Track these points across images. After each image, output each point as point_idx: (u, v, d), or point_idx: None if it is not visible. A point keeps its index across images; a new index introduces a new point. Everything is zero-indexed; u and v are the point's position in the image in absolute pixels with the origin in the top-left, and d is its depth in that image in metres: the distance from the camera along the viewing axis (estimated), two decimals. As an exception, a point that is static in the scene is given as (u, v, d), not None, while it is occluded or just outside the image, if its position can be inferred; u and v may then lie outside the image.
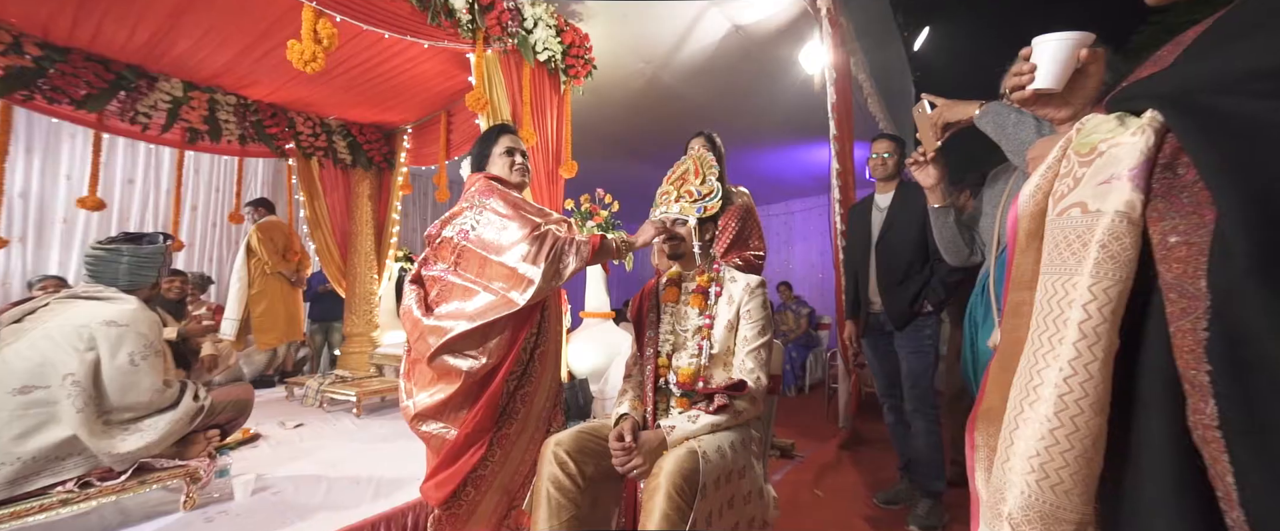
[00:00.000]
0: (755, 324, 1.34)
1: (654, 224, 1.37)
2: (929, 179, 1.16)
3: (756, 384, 1.28)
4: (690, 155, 1.49)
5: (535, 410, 1.29)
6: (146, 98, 2.98)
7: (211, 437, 1.59)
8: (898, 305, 1.92)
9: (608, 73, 3.38)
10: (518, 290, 1.18)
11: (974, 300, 1.14)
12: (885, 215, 1.99)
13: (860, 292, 2.12)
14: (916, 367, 1.90)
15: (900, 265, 1.92)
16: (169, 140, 3.33)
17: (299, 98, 3.58)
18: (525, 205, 1.30)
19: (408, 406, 1.17)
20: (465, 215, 1.27)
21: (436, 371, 1.15)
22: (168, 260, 1.49)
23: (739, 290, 1.37)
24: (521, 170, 1.44)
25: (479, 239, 1.22)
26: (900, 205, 1.95)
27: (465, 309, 1.19)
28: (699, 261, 1.41)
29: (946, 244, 1.23)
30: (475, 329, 1.14)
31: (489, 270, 1.21)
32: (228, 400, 1.70)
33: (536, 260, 1.18)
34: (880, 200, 2.05)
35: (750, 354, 1.32)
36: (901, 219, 1.93)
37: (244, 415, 1.79)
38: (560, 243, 1.21)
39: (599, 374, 2.81)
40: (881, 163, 2.00)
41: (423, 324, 1.17)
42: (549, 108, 2.82)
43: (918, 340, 1.90)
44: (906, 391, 1.93)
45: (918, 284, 1.89)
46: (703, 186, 1.43)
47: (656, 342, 1.41)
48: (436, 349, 1.13)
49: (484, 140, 1.45)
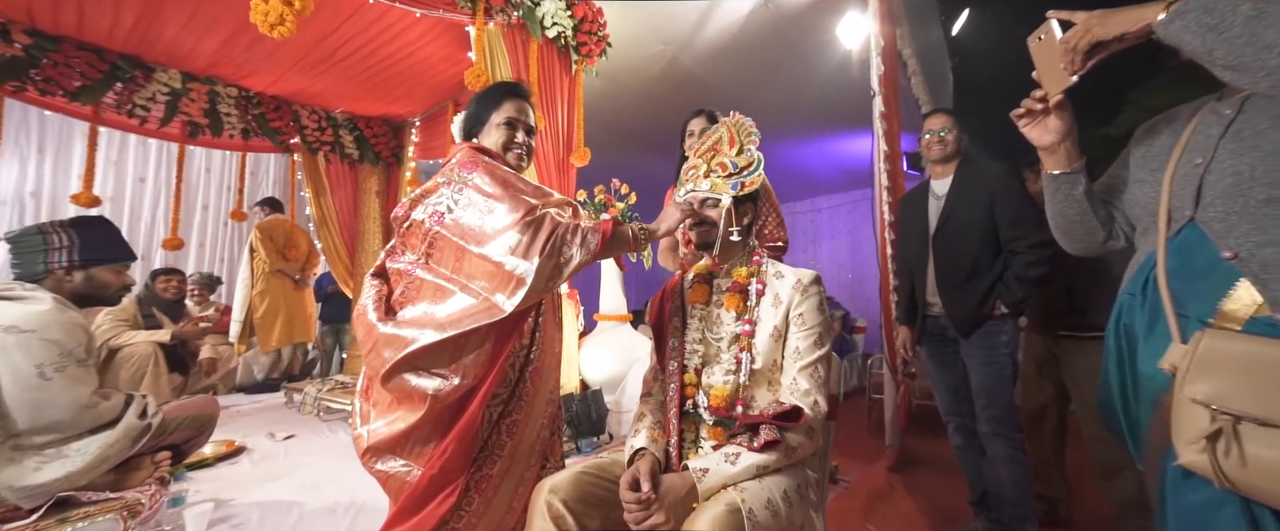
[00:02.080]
0: (810, 331, 1.04)
1: (679, 206, 1.08)
2: (1049, 135, 0.83)
3: (814, 410, 0.98)
4: (723, 122, 1.20)
5: (525, 443, 1.01)
6: (144, 89, 2.85)
7: (161, 461, 1.37)
8: (962, 307, 1.59)
9: (623, 55, 3.11)
10: (504, 292, 0.90)
11: (1127, 303, 0.81)
12: (943, 203, 1.67)
13: (917, 294, 1.80)
14: (989, 381, 1.56)
15: (964, 260, 1.59)
16: (169, 134, 3.21)
17: (302, 89, 3.43)
18: (519, 183, 1.02)
19: (360, 435, 0.91)
20: (441, 193, 0.99)
21: (395, 393, 0.89)
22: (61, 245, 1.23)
23: (788, 288, 1.07)
24: (523, 149, 1.16)
25: (456, 224, 0.96)
26: (961, 190, 1.63)
27: (435, 314, 0.92)
28: (736, 252, 1.12)
29: (1069, 224, 0.89)
30: (446, 340, 0.87)
31: (468, 265, 0.94)
32: (184, 416, 1.47)
33: (530, 253, 0.90)
34: (937, 186, 1.73)
35: (805, 371, 1.01)
36: (964, 205, 1.61)
37: (205, 433, 1.57)
38: (561, 230, 0.93)
39: (615, 383, 2.54)
40: (938, 141, 1.68)
41: (378, 331, 0.91)
42: (559, 89, 2.56)
43: (989, 348, 1.57)
44: (979, 410, 1.60)
45: (987, 281, 1.56)
46: (740, 157, 1.14)
47: (682, 355, 1.12)
48: (393, 364, 0.86)
49: (481, 100, 1.15)
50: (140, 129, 3.03)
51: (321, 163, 3.88)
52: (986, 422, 1.57)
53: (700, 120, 1.94)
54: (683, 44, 3.34)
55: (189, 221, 4.42)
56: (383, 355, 0.88)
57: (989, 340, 1.56)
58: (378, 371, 0.88)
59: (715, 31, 3.23)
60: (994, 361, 1.56)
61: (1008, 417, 1.54)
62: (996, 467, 1.56)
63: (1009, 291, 1.52)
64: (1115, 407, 0.82)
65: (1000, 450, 1.54)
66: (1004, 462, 1.53)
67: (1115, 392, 0.81)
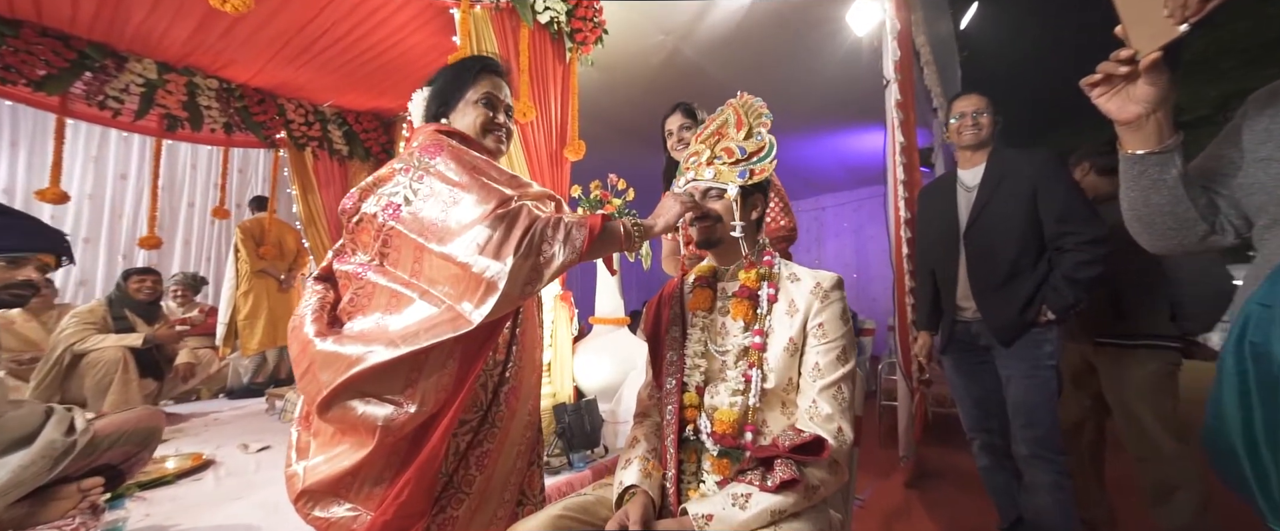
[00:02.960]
0: (832, 345, 0.88)
1: (679, 198, 0.93)
2: (1134, 105, 0.66)
3: (838, 440, 0.82)
4: (730, 102, 1.05)
5: (497, 477, 0.86)
6: (115, 80, 2.70)
7: (91, 488, 1.21)
8: (1002, 313, 1.42)
9: (621, 45, 2.96)
10: (471, 298, 0.75)
11: (1259, 316, 0.63)
12: (975, 195, 1.50)
13: (941, 297, 1.63)
14: (1031, 397, 1.39)
15: (1002, 260, 1.42)
16: (145, 128, 3.06)
17: (286, 81, 3.29)
18: (491, 170, 0.87)
19: (294, 473, 0.75)
20: (397, 181, 0.84)
21: (337, 424, 0.74)
22: None
23: (805, 293, 0.92)
24: (504, 133, 1.01)
25: (415, 217, 0.80)
26: (997, 180, 1.46)
27: (388, 326, 0.77)
28: (744, 251, 0.96)
29: (1156, 216, 0.71)
30: (400, 359, 0.72)
31: (428, 266, 0.79)
32: (121, 431, 1.31)
33: (502, 252, 0.75)
34: (966, 176, 1.56)
35: (826, 392, 0.86)
36: (1000, 197, 1.44)
37: (147, 449, 1.41)
38: (540, 225, 0.79)
39: (611, 392, 2.38)
40: (972, 124, 1.50)
41: (314, 349, 0.74)
42: (552, 79, 2.40)
43: (1033, 359, 1.39)
44: (1017, 430, 1.42)
45: (1030, 284, 1.38)
46: (748, 141, 0.98)
47: (682, 371, 0.96)
48: (333, 390, 0.71)
49: (452, 75, 0.99)
50: (113, 122, 2.88)
51: (309, 158, 3.73)
52: (1026, 444, 1.39)
53: (677, 116, 1.79)
54: (684, 33, 3.18)
55: (174, 219, 4.28)
56: (320, 378, 0.73)
57: (1031, 350, 1.39)
58: (314, 398, 0.72)
59: (718, 20, 3.08)
60: (1037, 374, 1.38)
61: (1051, 439, 1.37)
62: (1037, 495, 1.38)
63: (1057, 296, 1.34)
64: (1237, 452, 0.63)
65: (1042, 476, 1.37)
66: (1047, 490, 1.36)
67: (1237, 434, 0.62)
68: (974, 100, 1.53)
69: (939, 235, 1.60)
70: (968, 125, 1.51)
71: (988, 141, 1.52)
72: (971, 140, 1.52)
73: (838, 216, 7.03)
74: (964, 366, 1.59)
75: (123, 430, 1.30)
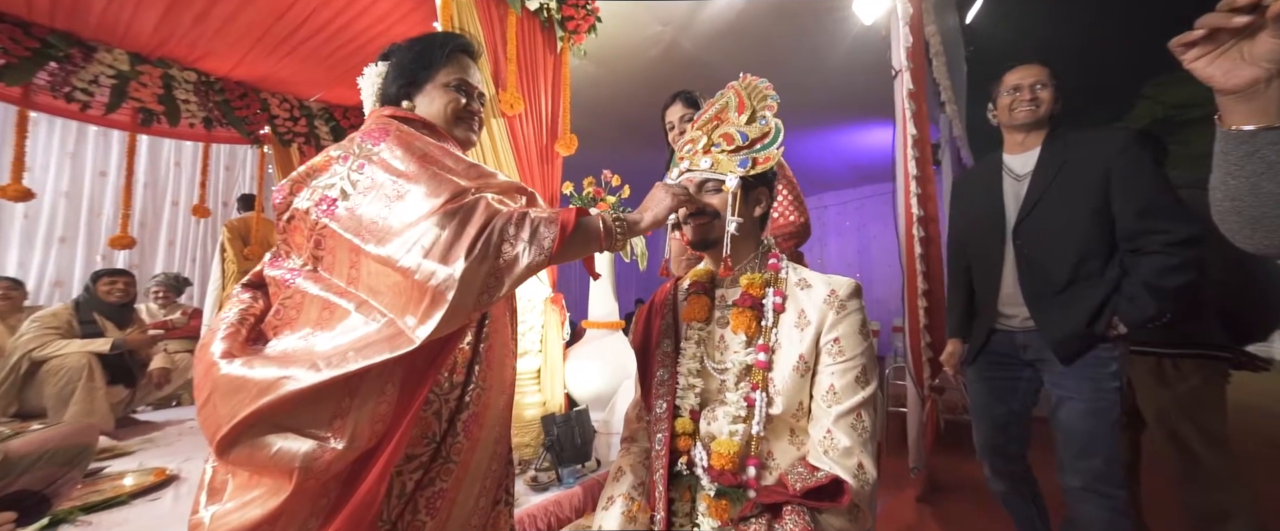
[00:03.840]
0: (850, 364, 0.75)
1: (670, 189, 0.79)
2: (1248, 68, 0.50)
3: (860, 479, 0.69)
4: (731, 84, 0.92)
5: (453, 523, 0.71)
6: (83, 71, 2.57)
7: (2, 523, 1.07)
8: (1064, 325, 1.20)
9: (616, 36, 2.83)
10: (414, 311, 0.62)
11: None
12: (1027, 184, 1.28)
13: (977, 301, 1.44)
14: (1093, 425, 1.18)
15: (1062, 261, 1.21)
16: (118, 122, 2.93)
17: (268, 74, 3.16)
18: (447, 158, 0.73)
19: (199, 521, 0.62)
20: (334, 171, 0.70)
21: (244, 464, 0.60)
22: None
23: (818, 302, 0.78)
24: (476, 122, 0.88)
25: (352, 214, 0.67)
26: (1057, 165, 1.24)
27: (315, 345, 0.63)
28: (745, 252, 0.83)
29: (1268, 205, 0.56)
30: (324, 385, 0.58)
31: (366, 272, 0.66)
32: (42, 452, 1.15)
33: (451, 254, 0.62)
34: (1014, 162, 1.34)
35: (844, 420, 0.72)
36: (1061, 187, 1.23)
37: (75, 469, 1.26)
38: (498, 222, 0.66)
39: (604, 400, 2.25)
40: (1029, 99, 1.28)
41: (217, 373, 0.61)
42: (542, 69, 2.27)
43: (1096, 380, 1.18)
44: (1069, 459, 1.22)
45: (1098, 290, 1.17)
46: (751, 126, 0.85)
47: (674, 392, 0.83)
48: (236, 424, 0.57)
49: (419, 52, 0.85)
50: (83, 116, 2.75)
51: (295, 155, 3.61)
52: (1079, 476, 1.20)
53: (677, 106, 1.64)
54: (682, 24, 3.05)
55: (156, 218, 4.15)
56: (219, 411, 0.59)
57: (1095, 370, 1.19)
58: (213, 436, 0.59)
59: (718, 10, 2.95)
60: (1100, 398, 1.18)
61: (1110, 473, 1.17)
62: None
63: (1133, 306, 1.12)
64: None
65: (1096, 512, 1.18)
66: (1101, 528, 1.17)
67: None
68: (1034, 70, 1.29)
69: (979, 231, 1.38)
70: (1024, 100, 1.28)
71: (1045, 121, 1.29)
72: (1027, 118, 1.28)
73: (840, 215, 6.90)
74: (993, 381, 1.40)
75: (44, 449, 1.16)
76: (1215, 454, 1.28)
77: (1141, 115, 10.62)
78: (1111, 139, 1.20)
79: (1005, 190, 1.34)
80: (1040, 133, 1.30)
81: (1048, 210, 1.25)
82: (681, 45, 3.21)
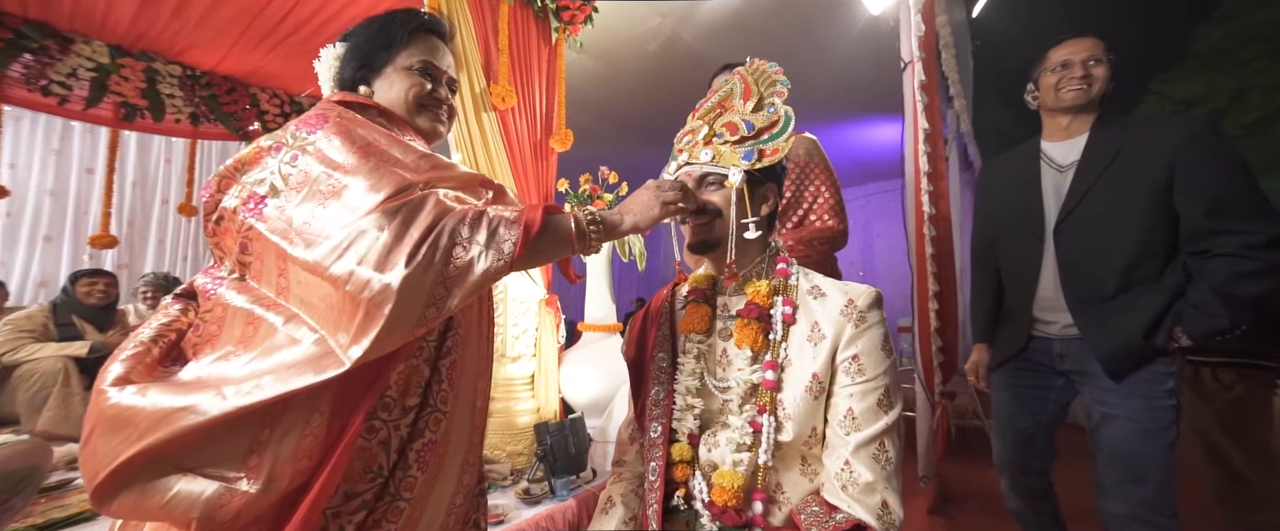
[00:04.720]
0: (871, 385, 0.66)
1: (661, 195, 0.69)
2: None
3: (883, 521, 0.59)
4: (737, 70, 0.82)
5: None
6: (60, 63, 2.47)
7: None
8: (1116, 335, 1.07)
9: (614, 29, 2.73)
10: (346, 327, 0.53)
11: None
12: (1072, 175, 1.14)
13: (1012, 304, 1.30)
14: (1145, 448, 1.05)
15: (1114, 263, 1.08)
16: (99, 117, 2.84)
17: (257, 69, 3.07)
18: (395, 148, 0.63)
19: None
20: (265, 164, 0.61)
21: (129, 514, 0.50)
22: None
23: (834, 314, 0.69)
24: (442, 110, 0.78)
25: (281, 213, 0.57)
26: (1109, 154, 1.10)
27: (231, 370, 0.54)
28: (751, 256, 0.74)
29: None
30: (233, 415, 0.49)
31: (294, 282, 0.57)
32: None
33: (389, 260, 0.53)
34: (1056, 150, 1.19)
35: (865, 450, 0.63)
36: (1114, 178, 1.09)
37: (20, 496, 1.17)
38: (449, 222, 0.57)
39: (601, 407, 2.16)
40: (1080, 77, 1.12)
41: (103, 405, 0.51)
42: (536, 61, 2.17)
43: (1149, 398, 1.05)
44: (1115, 484, 1.09)
45: (1158, 297, 1.03)
46: (758, 115, 0.75)
47: (669, 413, 0.74)
48: (119, 466, 0.47)
49: (376, 31, 0.76)
50: (61, 110, 2.66)
51: (284, 152, 3.52)
52: (1126, 503, 1.07)
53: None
54: (682, 16, 2.95)
55: (146, 217, 4.06)
56: (98, 452, 0.49)
57: (1150, 386, 1.05)
58: (92, 480, 0.49)
59: (719, 2, 2.85)
60: (1154, 418, 1.05)
61: (1163, 501, 1.04)
62: None
63: (1200, 316, 0.99)
64: None
65: None
66: None
67: None
68: (1088, 43, 1.12)
69: (1013, 228, 1.25)
70: (1074, 77, 1.11)
71: (1095, 103, 1.14)
72: (1077, 99, 1.13)
73: (844, 213, 6.78)
74: (1021, 390, 1.27)
75: (-9, 472, 1.07)
76: (1260, 471, 1.18)
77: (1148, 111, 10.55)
78: (1182, 125, 1.06)
79: (1044, 183, 1.19)
80: (1088, 117, 1.16)
81: (1096, 205, 1.11)
82: (682, 38, 3.11)
